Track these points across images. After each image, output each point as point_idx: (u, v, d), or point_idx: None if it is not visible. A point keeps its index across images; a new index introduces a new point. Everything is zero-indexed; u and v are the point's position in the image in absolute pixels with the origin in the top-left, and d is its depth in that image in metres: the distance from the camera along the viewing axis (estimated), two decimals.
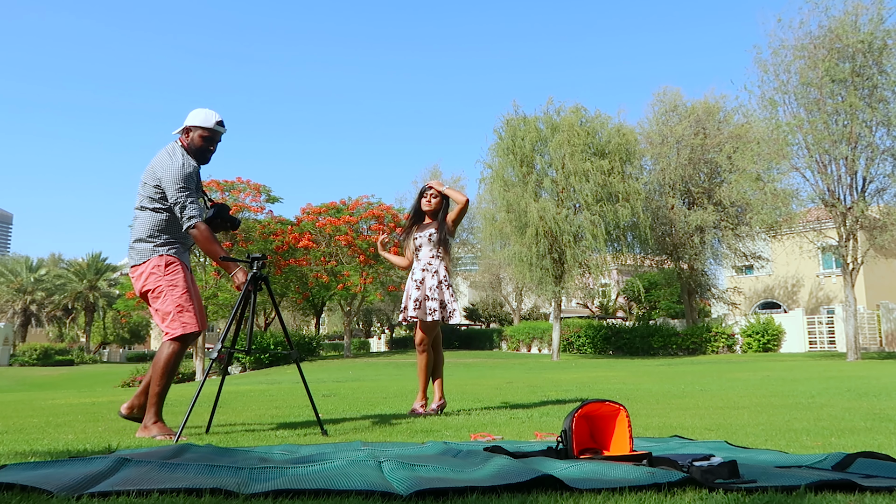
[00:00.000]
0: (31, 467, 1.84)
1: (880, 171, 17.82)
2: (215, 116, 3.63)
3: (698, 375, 9.91)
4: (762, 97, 18.59)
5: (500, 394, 6.40)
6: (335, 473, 1.69)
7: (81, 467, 1.78)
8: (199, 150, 3.60)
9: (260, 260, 3.55)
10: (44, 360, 40.01)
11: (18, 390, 14.92)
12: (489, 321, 43.67)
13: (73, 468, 1.78)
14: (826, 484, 1.60)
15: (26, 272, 51.37)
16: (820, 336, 25.94)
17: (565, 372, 12.49)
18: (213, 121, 3.60)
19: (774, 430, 3.24)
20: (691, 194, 25.95)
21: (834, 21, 17.19)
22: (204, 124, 3.59)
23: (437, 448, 2.46)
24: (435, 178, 4.72)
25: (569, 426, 2.14)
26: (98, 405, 5.98)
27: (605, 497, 1.52)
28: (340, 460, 1.91)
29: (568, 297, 28.14)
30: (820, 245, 23.02)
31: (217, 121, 3.62)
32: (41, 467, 1.83)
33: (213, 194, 19.94)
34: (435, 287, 4.43)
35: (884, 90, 17.04)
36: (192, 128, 3.60)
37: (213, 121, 3.61)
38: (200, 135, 3.59)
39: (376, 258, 23.21)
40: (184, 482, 1.59)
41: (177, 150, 3.55)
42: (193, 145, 3.58)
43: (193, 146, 3.58)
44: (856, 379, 8.13)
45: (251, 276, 3.50)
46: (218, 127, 3.62)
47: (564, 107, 24.55)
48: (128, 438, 3.18)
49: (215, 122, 3.61)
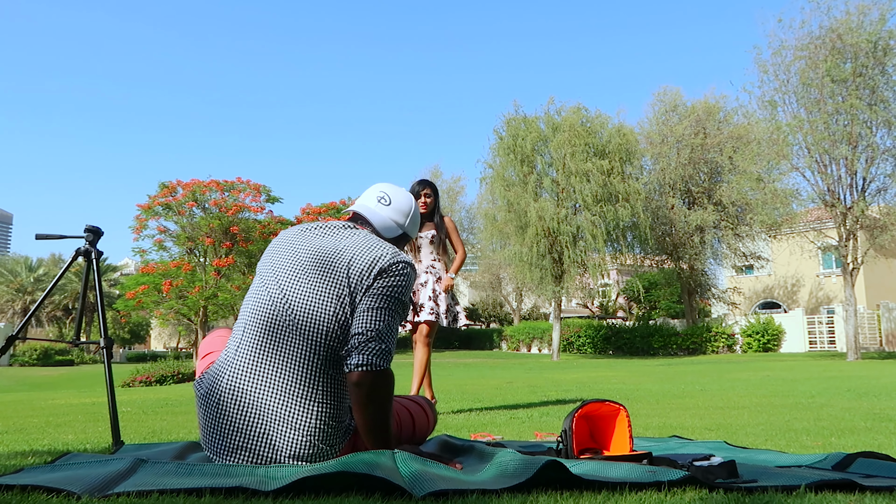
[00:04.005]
0: (48, 469, 1.85)
1: (880, 170, 17.84)
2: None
3: (698, 375, 9.91)
4: (762, 97, 18.61)
5: (500, 394, 6.40)
6: (353, 461, 1.70)
7: (100, 468, 1.79)
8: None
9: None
10: (44, 360, 40.02)
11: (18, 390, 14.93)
12: (489, 321, 43.67)
13: (92, 469, 1.79)
14: (826, 484, 1.60)
15: (26, 272, 51.38)
16: (820, 336, 25.94)
17: (565, 372, 12.49)
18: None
19: (774, 430, 3.24)
20: (691, 194, 25.96)
21: (836, 21, 17.19)
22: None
23: (439, 442, 2.47)
24: (443, 282, 4.56)
25: (569, 426, 2.14)
26: (98, 405, 5.98)
27: (605, 497, 1.52)
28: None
29: (568, 297, 28.15)
30: (820, 245, 23.03)
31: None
32: (59, 469, 1.83)
33: (213, 194, 19.94)
34: (441, 291, 4.54)
35: (884, 91, 17.05)
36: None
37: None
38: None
39: None
40: (203, 482, 1.60)
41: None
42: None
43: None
44: (856, 379, 8.13)
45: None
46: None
47: (566, 107, 24.59)
48: (129, 437, 3.18)
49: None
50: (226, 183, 21.85)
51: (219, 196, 20.12)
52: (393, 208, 2.20)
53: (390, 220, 2.19)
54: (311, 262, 1.98)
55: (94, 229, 3.19)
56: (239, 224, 19.79)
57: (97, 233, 3.20)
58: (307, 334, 1.89)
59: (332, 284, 1.94)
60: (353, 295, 1.93)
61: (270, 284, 1.99)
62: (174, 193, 19.67)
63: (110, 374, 3.04)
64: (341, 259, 1.97)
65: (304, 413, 1.86)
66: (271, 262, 2.04)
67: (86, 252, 3.16)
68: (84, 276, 3.22)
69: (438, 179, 36.82)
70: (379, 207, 2.20)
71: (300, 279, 1.96)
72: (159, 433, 3.45)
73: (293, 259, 2.01)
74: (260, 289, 2.01)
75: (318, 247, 2.01)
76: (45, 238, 3.15)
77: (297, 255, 2.01)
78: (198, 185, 19.83)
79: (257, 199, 22.64)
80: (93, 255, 3.16)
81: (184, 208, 19.67)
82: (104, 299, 3.15)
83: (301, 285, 1.95)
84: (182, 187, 19.73)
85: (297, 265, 1.99)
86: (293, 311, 1.92)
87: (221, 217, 19.59)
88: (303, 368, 1.88)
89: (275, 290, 1.96)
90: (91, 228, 3.19)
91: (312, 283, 1.95)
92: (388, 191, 2.24)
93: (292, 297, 1.94)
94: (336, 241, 2.03)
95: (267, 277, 2.01)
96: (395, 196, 2.23)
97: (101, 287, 3.11)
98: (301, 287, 1.95)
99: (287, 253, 2.03)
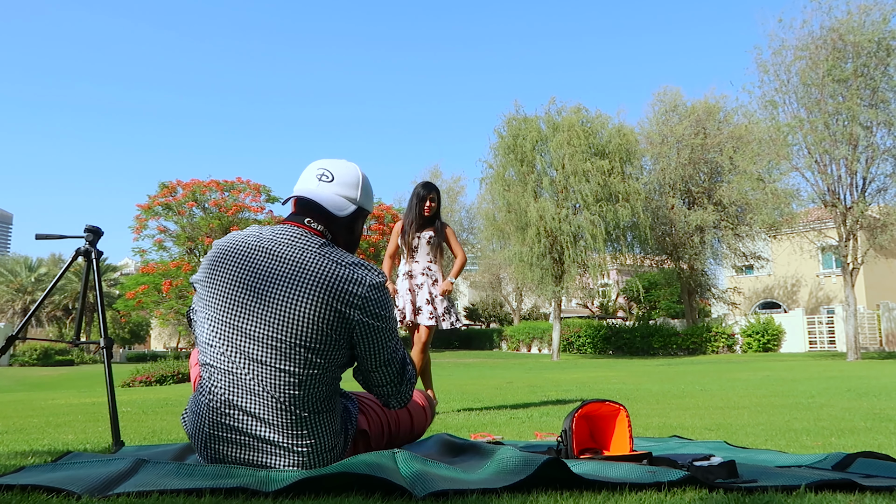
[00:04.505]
0: (49, 469, 1.85)
1: (881, 170, 17.85)
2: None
3: (698, 375, 9.91)
4: (762, 97, 18.62)
5: (500, 394, 6.40)
6: (354, 461, 1.70)
7: (101, 468, 1.78)
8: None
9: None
10: (44, 360, 40.00)
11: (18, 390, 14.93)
12: (489, 321, 43.68)
13: (93, 469, 1.78)
14: (826, 484, 1.61)
15: (26, 272, 51.38)
16: (820, 336, 25.94)
17: (565, 372, 12.49)
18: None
19: (774, 430, 3.24)
20: (691, 194, 25.96)
21: (837, 21, 17.18)
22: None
23: (439, 441, 2.47)
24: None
25: (569, 426, 2.14)
26: (98, 405, 5.98)
27: (605, 497, 1.52)
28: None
29: (568, 297, 28.17)
30: (820, 245, 23.03)
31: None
32: (59, 469, 1.83)
33: (213, 194, 19.93)
34: (438, 294, 4.60)
35: (885, 91, 17.05)
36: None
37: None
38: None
39: (376, 258, 23.20)
40: (205, 482, 1.59)
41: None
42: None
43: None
44: (856, 379, 8.13)
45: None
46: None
47: (566, 107, 24.59)
48: (129, 437, 3.18)
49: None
50: (226, 183, 21.86)
51: (219, 196, 20.12)
52: (338, 183, 1.91)
53: (338, 196, 1.90)
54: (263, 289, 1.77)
55: (94, 229, 3.19)
56: (239, 224, 19.79)
57: (97, 233, 3.20)
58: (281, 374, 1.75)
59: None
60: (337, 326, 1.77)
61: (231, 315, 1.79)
62: (174, 193, 19.67)
63: (110, 374, 3.04)
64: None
65: (296, 443, 1.77)
66: (226, 290, 1.81)
67: (86, 252, 3.16)
68: (84, 276, 3.22)
69: (438, 179, 36.82)
70: (322, 186, 1.89)
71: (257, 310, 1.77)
72: (159, 433, 3.45)
73: (243, 287, 1.79)
74: (220, 319, 1.81)
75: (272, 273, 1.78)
76: (45, 238, 3.15)
77: (247, 281, 1.79)
78: (198, 185, 19.83)
79: (257, 199, 22.64)
80: (93, 255, 3.16)
81: (184, 208, 19.67)
82: (104, 299, 3.14)
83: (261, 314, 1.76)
84: (182, 187, 19.73)
85: (249, 295, 1.78)
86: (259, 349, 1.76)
87: (221, 217, 19.59)
88: (287, 402, 1.75)
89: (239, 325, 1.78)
90: (91, 228, 3.18)
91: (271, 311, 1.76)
92: (328, 166, 1.94)
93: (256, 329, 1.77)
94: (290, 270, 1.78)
95: (225, 307, 1.80)
96: (336, 170, 1.93)
97: (101, 287, 3.10)
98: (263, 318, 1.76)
99: (238, 277, 1.81)
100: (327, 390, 1.80)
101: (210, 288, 1.84)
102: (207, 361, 1.83)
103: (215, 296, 1.82)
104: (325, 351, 1.76)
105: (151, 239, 20.04)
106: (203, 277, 1.87)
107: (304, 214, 1.89)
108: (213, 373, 1.80)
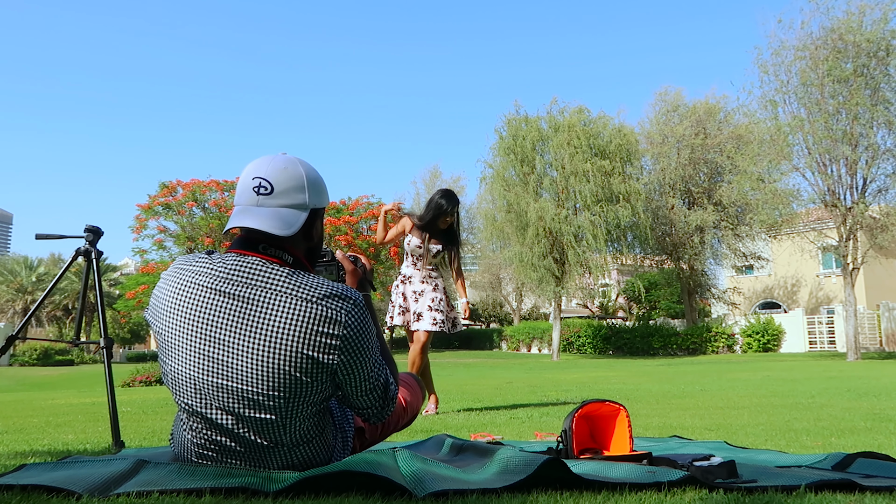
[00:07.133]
0: (50, 468, 1.84)
1: (881, 171, 17.87)
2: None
3: (698, 375, 9.91)
4: (763, 97, 18.63)
5: (500, 394, 6.40)
6: (354, 461, 1.70)
7: (102, 468, 1.78)
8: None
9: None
10: (44, 360, 40.00)
11: (18, 390, 14.92)
12: (489, 321, 43.69)
13: (94, 469, 1.78)
14: (826, 484, 1.60)
15: (26, 272, 51.40)
16: (820, 336, 25.95)
17: (565, 372, 12.49)
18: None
19: (774, 430, 3.24)
20: (691, 194, 25.97)
21: (836, 21, 17.19)
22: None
23: (439, 441, 2.48)
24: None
25: (569, 426, 2.14)
26: (98, 405, 5.99)
27: (605, 497, 1.52)
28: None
29: (568, 297, 28.16)
30: (820, 245, 23.03)
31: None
32: (60, 468, 1.83)
33: (213, 194, 19.92)
34: (439, 299, 4.65)
35: (886, 91, 17.06)
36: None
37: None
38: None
39: (376, 258, 23.21)
40: (206, 482, 1.59)
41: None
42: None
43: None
44: (856, 379, 8.13)
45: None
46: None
47: (568, 107, 24.61)
48: (129, 437, 3.18)
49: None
50: (226, 183, 21.84)
51: (219, 196, 20.09)
52: (279, 193, 1.63)
53: (284, 209, 1.63)
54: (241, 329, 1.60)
55: (94, 229, 3.19)
56: None
57: (97, 233, 3.20)
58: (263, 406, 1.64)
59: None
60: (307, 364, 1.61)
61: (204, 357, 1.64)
62: (174, 193, 19.66)
63: (110, 374, 3.04)
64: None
65: (291, 457, 1.73)
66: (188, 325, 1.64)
67: (86, 252, 3.16)
68: (84, 276, 3.22)
69: (438, 179, 36.84)
70: (263, 202, 1.63)
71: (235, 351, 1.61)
72: (159, 433, 3.45)
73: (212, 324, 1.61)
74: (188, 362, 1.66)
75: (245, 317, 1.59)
76: (45, 238, 3.15)
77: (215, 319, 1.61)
78: (198, 185, 19.82)
79: None
80: (93, 255, 3.16)
81: (184, 208, 19.66)
82: (104, 299, 3.14)
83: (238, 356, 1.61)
84: (182, 187, 19.72)
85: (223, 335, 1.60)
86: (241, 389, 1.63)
87: (221, 217, 19.57)
88: (272, 441, 1.69)
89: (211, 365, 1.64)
90: (91, 228, 3.18)
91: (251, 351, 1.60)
92: (264, 173, 1.64)
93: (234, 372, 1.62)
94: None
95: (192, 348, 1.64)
96: (274, 177, 1.64)
97: (101, 287, 3.10)
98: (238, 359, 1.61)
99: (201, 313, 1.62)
100: (316, 421, 1.74)
101: (168, 336, 1.67)
102: (182, 404, 1.69)
103: (178, 347, 1.65)
104: (306, 395, 1.64)
105: (151, 239, 20.02)
106: (158, 323, 1.69)
107: (255, 242, 1.65)
108: (191, 414, 1.70)
